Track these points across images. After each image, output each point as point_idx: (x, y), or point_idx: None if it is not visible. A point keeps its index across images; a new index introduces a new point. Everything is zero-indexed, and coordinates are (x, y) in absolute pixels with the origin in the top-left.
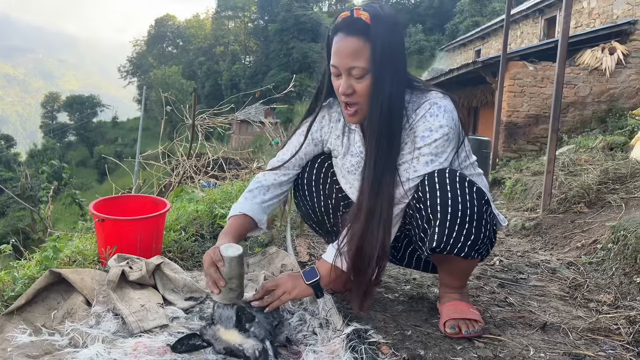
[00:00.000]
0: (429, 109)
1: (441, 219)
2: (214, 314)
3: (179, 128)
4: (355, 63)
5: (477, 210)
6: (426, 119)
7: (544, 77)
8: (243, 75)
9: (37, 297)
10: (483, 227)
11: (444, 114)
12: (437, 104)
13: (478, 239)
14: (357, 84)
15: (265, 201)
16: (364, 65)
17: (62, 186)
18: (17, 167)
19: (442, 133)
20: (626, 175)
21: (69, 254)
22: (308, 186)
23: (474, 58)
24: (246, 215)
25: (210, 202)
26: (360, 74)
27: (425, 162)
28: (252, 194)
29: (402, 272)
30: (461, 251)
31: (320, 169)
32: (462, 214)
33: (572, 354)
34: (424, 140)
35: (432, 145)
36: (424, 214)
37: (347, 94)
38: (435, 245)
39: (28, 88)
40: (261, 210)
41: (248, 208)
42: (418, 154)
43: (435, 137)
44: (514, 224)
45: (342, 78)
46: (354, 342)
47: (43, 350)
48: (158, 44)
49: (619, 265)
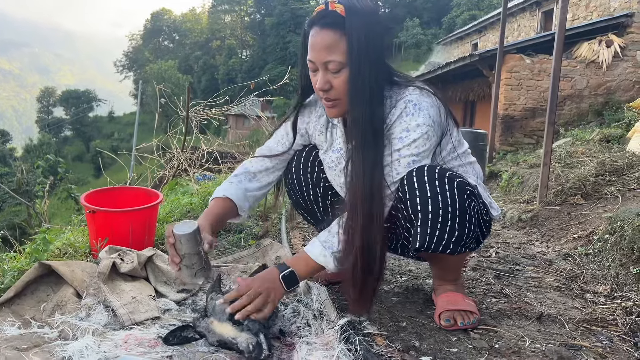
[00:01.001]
0: (404, 108)
1: (422, 219)
2: (207, 306)
3: (173, 120)
4: (330, 57)
5: (459, 206)
6: (402, 119)
7: (540, 70)
8: (240, 70)
9: (27, 289)
10: (467, 222)
11: (419, 112)
12: (412, 102)
13: (463, 234)
14: (334, 79)
15: (249, 190)
16: (340, 59)
17: (58, 181)
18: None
19: (420, 132)
20: (623, 167)
21: (60, 246)
22: (297, 175)
23: (471, 51)
24: (229, 199)
25: (204, 194)
26: (337, 68)
27: (406, 164)
28: (238, 178)
29: (397, 264)
30: (446, 249)
31: (307, 157)
32: (444, 212)
33: (568, 344)
34: (402, 142)
35: (412, 146)
36: (405, 214)
37: (325, 90)
38: (419, 246)
39: (24, 83)
40: (244, 197)
41: (232, 192)
42: (398, 156)
43: (414, 137)
44: (511, 216)
45: (318, 74)
46: (348, 333)
47: (32, 343)
48: (154, 38)
49: (616, 256)
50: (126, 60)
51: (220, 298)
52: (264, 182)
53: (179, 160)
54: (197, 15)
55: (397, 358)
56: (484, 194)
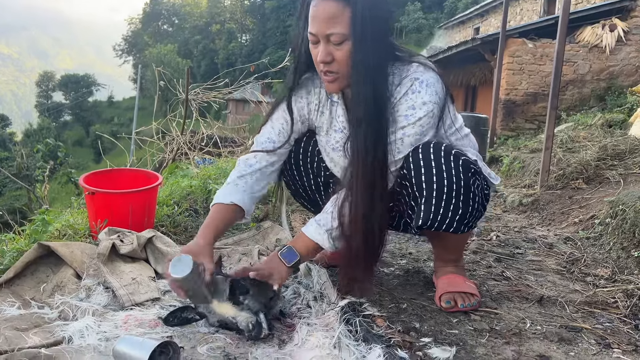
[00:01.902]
0: (410, 86)
1: (427, 196)
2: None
3: (172, 103)
4: (333, 29)
5: (464, 184)
6: (408, 96)
7: (543, 54)
8: (240, 54)
9: (26, 270)
10: (471, 200)
11: (426, 89)
12: (418, 80)
13: (466, 212)
14: (337, 51)
15: (255, 191)
16: (344, 30)
17: (58, 165)
18: (12, 146)
19: (426, 110)
20: (625, 151)
21: (59, 228)
22: (296, 165)
23: (473, 35)
24: (236, 205)
25: (204, 177)
26: (340, 40)
27: (410, 143)
28: (244, 180)
29: (397, 247)
30: (450, 227)
31: (306, 146)
32: (449, 190)
33: (569, 326)
34: (408, 120)
35: (417, 125)
36: (409, 191)
37: (326, 62)
38: (422, 223)
39: (22, 67)
40: (251, 201)
41: (239, 197)
42: (402, 134)
43: (420, 116)
44: (512, 200)
45: (320, 46)
46: (348, 315)
47: (32, 323)
48: (153, 22)
49: (617, 240)
50: (125, 45)
51: (221, 279)
52: (270, 179)
53: (179, 143)
54: None
55: (397, 339)
56: (483, 166)
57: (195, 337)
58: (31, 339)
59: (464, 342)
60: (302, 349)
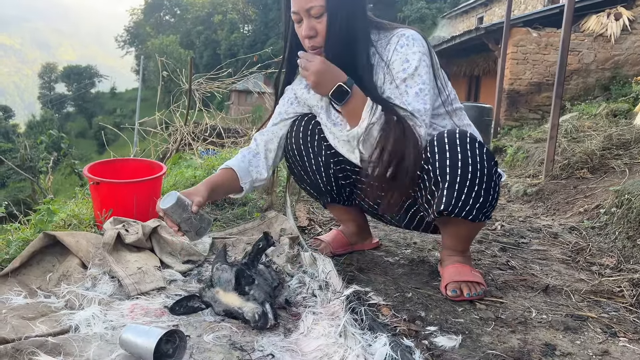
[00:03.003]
0: (397, 42)
1: (450, 181)
2: (213, 276)
3: (175, 93)
4: (311, 2)
5: (487, 172)
6: (398, 51)
7: (547, 43)
8: (242, 45)
9: (32, 259)
10: (492, 189)
11: (413, 42)
12: (404, 35)
13: (487, 201)
14: (318, 24)
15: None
16: (321, 2)
17: (62, 157)
18: (16, 138)
19: (419, 58)
20: (630, 140)
21: (65, 217)
22: (297, 146)
23: (477, 25)
24: (231, 168)
25: (208, 168)
26: (319, 12)
27: (415, 93)
28: (242, 154)
29: (402, 237)
30: (469, 214)
31: (307, 126)
32: (472, 176)
33: (574, 315)
34: (406, 72)
35: (416, 75)
36: (432, 175)
37: (310, 36)
38: (444, 208)
39: (25, 58)
40: (248, 171)
41: (234, 163)
42: (405, 87)
43: (415, 65)
44: (516, 190)
45: (303, 23)
46: (353, 303)
47: (39, 312)
48: (155, 12)
49: (622, 229)
50: (127, 36)
51: (225, 268)
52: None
53: (182, 134)
54: None
55: (403, 328)
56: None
57: (202, 325)
58: (38, 328)
59: (469, 330)
60: (308, 337)
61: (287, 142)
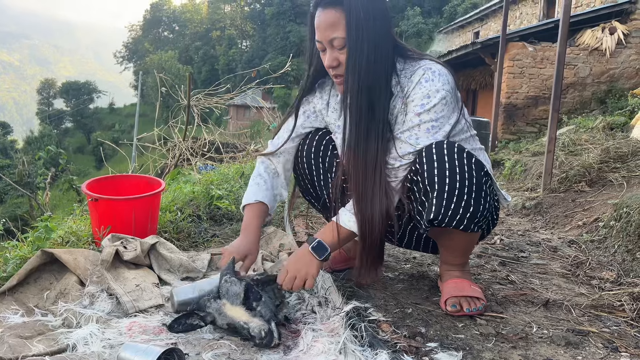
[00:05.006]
0: (423, 75)
1: (439, 191)
2: (221, 288)
3: (174, 109)
4: (334, 34)
5: (476, 181)
6: (422, 84)
7: (543, 57)
8: (240, 60)
9: (30, 277)
10: (482, 199)
11: (439, 77)
12: (431, 69)
13: (477, 211)
14: (341, 55)
15: (276, 187)
16: (343, 35)
17: (60, 172)
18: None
19: (440, 97)
20: (627, 153)
21: (62, 235)
22: (307, 159)
23: (473, 40)
24: (262, 203)
25: (207, 183)
26: (341, 44)
27: (426, 129)
28: (263, 178)
29: (402, 252)
30: (460, 224)
31: (320, 141)
32: (461, 185)
33: (575, 330)
34: (423, 107)
35: (432, 112)
36: (421, 186)
37: (333, 66)
38: (433, 217)
39: (24, 74)
40: (274, 198)
41: (262, 195)
42: (419, 121)
43: (434, 102)
44: (515, 203)
45: (327, 52)
46: (353, 320)
47: (36, 331)
48: (154, 28)
49: (622, 243)
50: (126, 52)
51: (234, 281)
52: (287, 174)
53: (181, 149)
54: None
55: (403, 344)
56: (495, 183)
57: (200, 343)
58: (35, 347)
59: (470, 346)
60: (308, 355)
61: (298, 153)
